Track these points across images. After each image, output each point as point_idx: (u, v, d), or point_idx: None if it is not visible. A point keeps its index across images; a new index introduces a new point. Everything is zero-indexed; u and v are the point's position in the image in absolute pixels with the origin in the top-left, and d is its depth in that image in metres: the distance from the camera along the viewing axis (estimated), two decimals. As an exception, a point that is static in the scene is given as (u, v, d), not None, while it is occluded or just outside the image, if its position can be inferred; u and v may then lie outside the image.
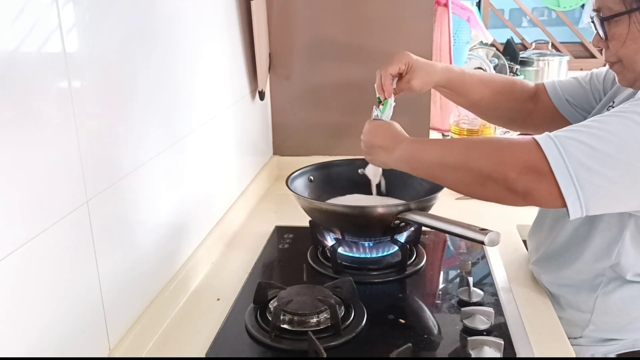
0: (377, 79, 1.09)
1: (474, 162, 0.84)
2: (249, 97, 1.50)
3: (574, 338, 0.98)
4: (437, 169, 0.91)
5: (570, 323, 0.99)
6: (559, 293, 1.02)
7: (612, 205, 0.81)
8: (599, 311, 0.96)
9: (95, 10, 0.79)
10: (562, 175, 0.76)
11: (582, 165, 0.76)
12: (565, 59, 2.75)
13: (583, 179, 0.76)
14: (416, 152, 0.94)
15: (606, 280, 0.95)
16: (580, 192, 0.76)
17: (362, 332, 0.92)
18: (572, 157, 0.76)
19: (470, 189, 0.88)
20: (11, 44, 0.63)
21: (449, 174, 0.89)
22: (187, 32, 1.10)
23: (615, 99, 0.97)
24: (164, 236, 1.01)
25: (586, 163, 0.76)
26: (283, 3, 1.60)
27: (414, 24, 1.57)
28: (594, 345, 0.98)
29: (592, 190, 0.76)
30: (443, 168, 0.89)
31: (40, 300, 0.69)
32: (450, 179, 0.90)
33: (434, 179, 0.94)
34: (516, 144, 0.82)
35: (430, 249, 1.21)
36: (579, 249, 0.97)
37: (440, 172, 0.90)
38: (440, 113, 1.94)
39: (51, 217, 0.70)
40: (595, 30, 0.89)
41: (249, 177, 1.52)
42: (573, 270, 0.99)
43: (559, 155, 0.77)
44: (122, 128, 0.87)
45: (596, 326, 0.97)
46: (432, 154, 0.91)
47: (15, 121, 0.64)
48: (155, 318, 0.95)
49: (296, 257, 1.19)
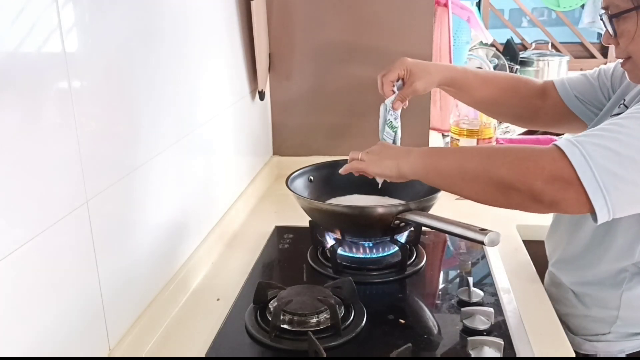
0: (379, 85, 1.18)
1: (496, 172, 0.83)
2: (249, 97, 1.50)
3: (602, 334, 1.00)
4: (457, 179, 0.88)
5: (597, 320, 1.00)
6: (584, 292, 1.02)
7: (637, 207, 0.82)
8: (625, 307, 0.97)
9: (95, 10, 0.79)
10: (589, 182, 0.76)
11: (608, 171, 0.76)
12: (565, 59, 2.76)
13: (610, 184, 0.76)
14: (432, 160, 0.92)
15: (629, 276, 0.96)
16: (607, 198, 0.76)
17: (362, 332, 0.92)
18: (598, 164, 0.76)
19: (492, 198, 0.87)
20: (11, 44, 0.63)
21: (469, 184, 0.87)
22: (187, 32, 1.10)
23: (626, 96, 0.98)
24: (164, 236, 1.01)
25: (612, 169, 0.76)
26: (283, 3, 1.60)
27: (414, 24, 1.57)
28: (622, 340, 0.99)
29: (618, 195, 0.77)
30: (463, 178, 0.87)
31: (40, 300, 0.69)
32: (471, 189, 0.88)
33: (452, 189, 0.92)
34: (539, 152, 0.81)
35: (430, 249, 1.21)
36: (600, 250, 0.98)
37: (460, 181, 0.88)
38: (440, 113, 1.94)
39: (51, 217, 0.70)
40: (605, 27, 0.90)
41: (249, 177, 1.52)
42: (596, 270, 0.99)
43: (585, 163, 0.76)
44: (122, 128, 0.87)
45: (624, 321, 0.98)
46: (451, 163, 0.90)
47: (15, 121, 0.64)
48: (155, 318, 0.95)
49: (296, 257, 1.19)
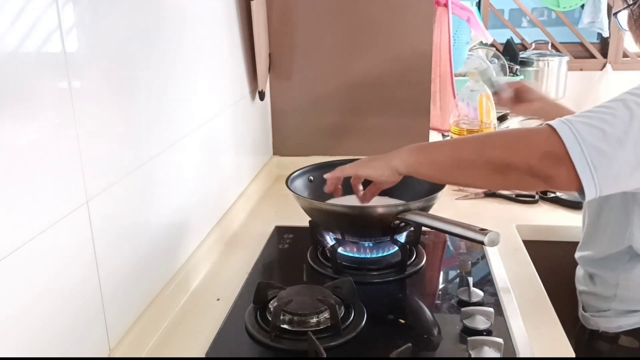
0: None
1: (491, 154, 0.87)
2: (249, 97, 1.50)
3: (603, 311, 1.07)
4: (453, 168, 0.91)
5: (600, 297, 1.07)
6: (591, 270, 1.10)
7: (621, 184, 0.84)
8: (622, 286, 1.03)
9: (95, 10, 0.79)
10: (579, 159, 0.79)
11: (595, 148, 0.79)
12: (565, 59, 2.76)
13: (597, 161, 0.79)
14: (425, 154, 0.95)
15: (628, 258, 1.02)
16: (595, 175, 0.80)
17: (362, 332, 0.92)
18: (587, 141, 0.79)
19: (489, 180, 0.91)
20: (11, 44, 0.63)
21: (466, 171, 0.90)
22: (187, 32, 1.10)
23: None
24: (164, 236, 1.01)
25: (599, 146, 0.79)
26: (283, 3, 1.60)
27: (414, 24, 1.57)
28: (619, 317, 1.05)
29: (605, 172, 0.80)
30: (459, 166, 0.90)
31: (40, 300, 0.69)
32: (468, 175, 0.91)
33: (448, 179, 0.95)
34: (531, 131, 0.86)
35: (430, 249, 1.21)
36: (598, 232, 1.07)
37: (457, 170, 0.91)
38: (440, 114, 1.94)
39: (51, 217, 0.70)
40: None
41: (249, 177, 1.52)
42: (597, 250, 1.07)
43: (575, 140, 0.80)
44: (122, 128, 0.87)
45: (621, 300, 1.04)
46: (445, 154, 0.93)
47: (16, 121, 0.64)
48: (155, 318, 0.95)
49: (296, 257, 1.19)
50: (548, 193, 1.49)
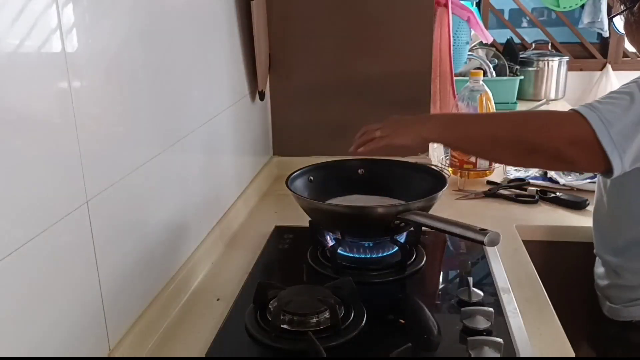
0: None
1: (526, 137, 0.96)
2: (249, 97, 1.50)
3: (634, 300, 1.11)
4: (486, 144, 1.00)
5: (627, 288, 1.11)
6: (615, 262, 1.13)
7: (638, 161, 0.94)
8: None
9: (95, 10, 0.79)
10: (608, 143, 0.89)
11: (620, 132, 0.89)
12: (565, 59, 2.76)
13: (624, 144, 0.90)
14: (461, 128, 1.03)
15: None
16: (621, 155, 0.90)
17: (362, 332, 0.92)
18: (613, 127, 0.89)
19: (517, 160, 1.05)
20: (11, 44, 0.63)
21: (497, 149, 1.00)
22: (187, 32, 1.10)
23: None
24: (164, 236, 1.01)
25: (623, 130, 0.90)
26: (283, 3, 1.60)
27: (414, 24, 1.57)
28: None
29: (629, 152, 0.90)
30: (492, 143, 0.99)
31: (40, 300, 0.69)
32: (498, 153, 1.01)
33: (479, 154, 1.09)
34: (562, 117, 0.95)
35: (430, 249, 1.21)
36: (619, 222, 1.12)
37: (489, 146, 1.00)
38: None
39: (51, 217, 0.70)
40: None
41: (249, 177, 1.52)
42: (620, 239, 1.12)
43: (604, 127, 0.89)
44: (122, 128, 0.87)
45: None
46: (478, 131, 1.01)
47: (16, 121, 0.64)
48: (155, 318, 0.95)
49: (296, 257, 1.19)
50: (548, 193, 1.49)
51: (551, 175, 1.58)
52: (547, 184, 1.55)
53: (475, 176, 1.61)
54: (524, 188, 1.52)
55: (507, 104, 2.40)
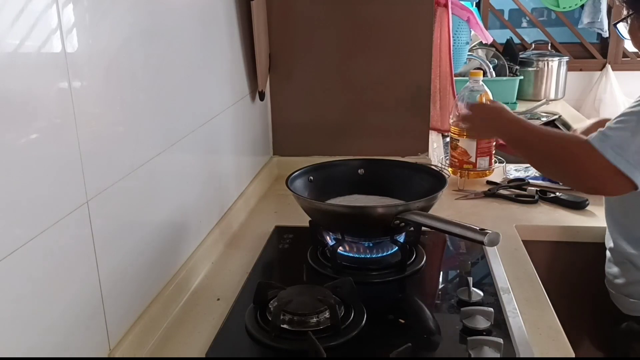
0: None
1: (556, 170, 1.15)
2: (249, 97, 1.50)
3: None
4: (537, 157, 1.17)
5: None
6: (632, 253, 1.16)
7: None
8: None
9: (95, 10, 0.79)
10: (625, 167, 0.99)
11: (635, 153, 0.99)
12: (564, 60, 2.76)
13: (638, 162, 0.99)
14: (524, 142, 1.18)
15: None
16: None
17: (362, 332, 0.92)
18: (626, 150, 0.99)
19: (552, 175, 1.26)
20: (11, 44, 0.63)
21: (544, 163, 1.17)
22: (187, 32, 1.10)
23: None
24: (164, 236, 1.01)
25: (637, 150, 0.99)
26: (283, 3, 1.60)
27: (414, 24, 1.57)
28: None
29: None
30: (542, 159, 1.16)
31: (40, 300, 0.69)
32: (541, 166, 1.20)
33: (529, 160, 1.22)
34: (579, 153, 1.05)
35: (430, 249, 1.21)
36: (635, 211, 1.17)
37: (539, 159, 1.17)
38: (440, 113, 1.94)
39: (51, 217, 0.70)
40: None
41: (249, 177, 1.52)
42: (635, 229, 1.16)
43: (616, 154, 0.99)
44: (122, 128, 0.87)
45: None
46: (534, 145, 1.15)
47: (16, 121, 0.64)
48: (155, 318, 0.95)
49: (296, 257, 1.19)
50: (548, 193, 1.49)
51: (551, 175, 1.58)
52: (547, 184, 1.55)
53: (475, 176, 1.61)
54: (524, 188, 1.52)
55: (507, 104, 2.38)
